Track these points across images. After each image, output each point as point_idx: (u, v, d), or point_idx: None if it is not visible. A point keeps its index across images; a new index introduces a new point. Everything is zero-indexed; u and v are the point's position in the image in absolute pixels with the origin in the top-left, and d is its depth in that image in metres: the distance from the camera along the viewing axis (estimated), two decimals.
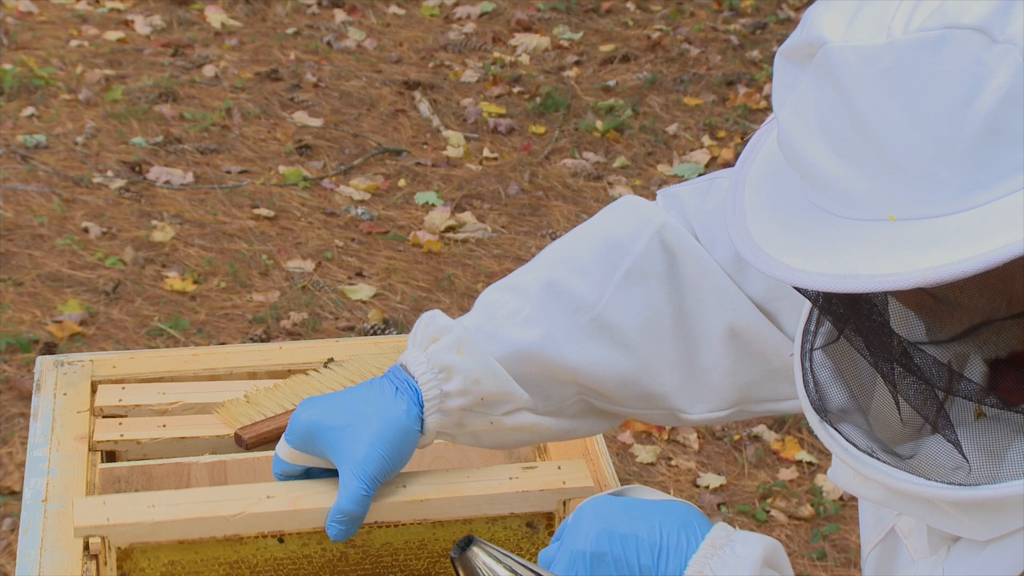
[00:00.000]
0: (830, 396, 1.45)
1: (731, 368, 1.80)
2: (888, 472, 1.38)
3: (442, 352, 1.79)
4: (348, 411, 1.77)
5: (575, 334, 1.79)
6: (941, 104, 1.21)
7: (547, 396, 1.83)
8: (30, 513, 1.94)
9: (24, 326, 4.44)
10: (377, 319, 4.57)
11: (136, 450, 2.08)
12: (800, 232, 1.31)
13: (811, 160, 1.28)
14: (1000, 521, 1.36)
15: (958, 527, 1.39)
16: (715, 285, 1.79)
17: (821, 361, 1.47)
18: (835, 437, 1.42)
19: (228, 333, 4.47)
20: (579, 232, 1.87)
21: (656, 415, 1.85)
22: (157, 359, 2.25)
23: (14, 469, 3.85)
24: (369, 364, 2.21)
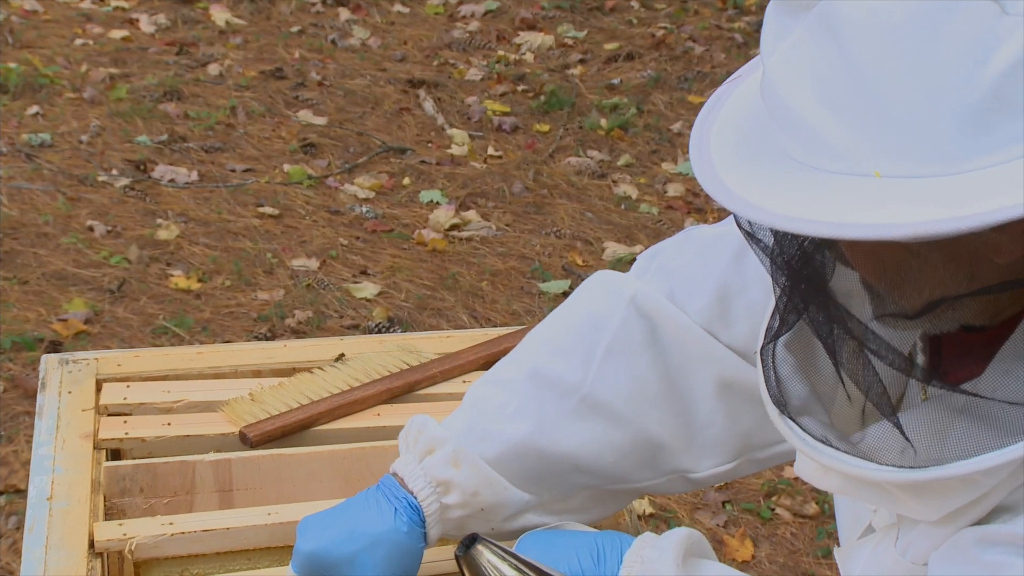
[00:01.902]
0: (790, 389, 1.48)
1: (728, 420, 1.82)
2: (840, 459, 1.42)
3: (439, 466, 1.78)
4: (351, 538, 1.76)
5: (566, 418, 1.79)
6: (948, 68, 1.22)
7: (551, 488, 1.82)
8: (35, 511, 1.94)
9: (29, 324, 4.44)
10: (382, 317, 4.57)
11: (141, 448, 2.08)
12: (774, 180, 1.31)
13: (797, 110, 1.28)
14: (945, 502, 1.40)
15: (907, 509, 1.43)
16: (696, 343, 1.80)
17: (782, 356, 1.50)
18: (792, 428, 1.46)
19: (233, 331, 4.48)
20: (556, 316, 1.87)
21: (664, 483, 1.85)
22: (162, 357, 2.25)
23: (19, 467, 3.85)
24: (374, 362, 2.21)
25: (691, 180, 5.44)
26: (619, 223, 5.21)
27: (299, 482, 2.04)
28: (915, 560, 1.49)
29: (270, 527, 1.94)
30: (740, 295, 1.76)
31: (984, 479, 1.37)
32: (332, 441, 2.09)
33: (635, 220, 5.23)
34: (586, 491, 1.84)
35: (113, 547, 1.90)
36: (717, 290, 1.78)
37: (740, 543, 3.75)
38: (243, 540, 1.94)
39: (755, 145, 1.35)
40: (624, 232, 5.15)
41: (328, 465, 2.05)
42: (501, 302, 4.71)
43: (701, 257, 1.80)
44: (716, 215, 5.23)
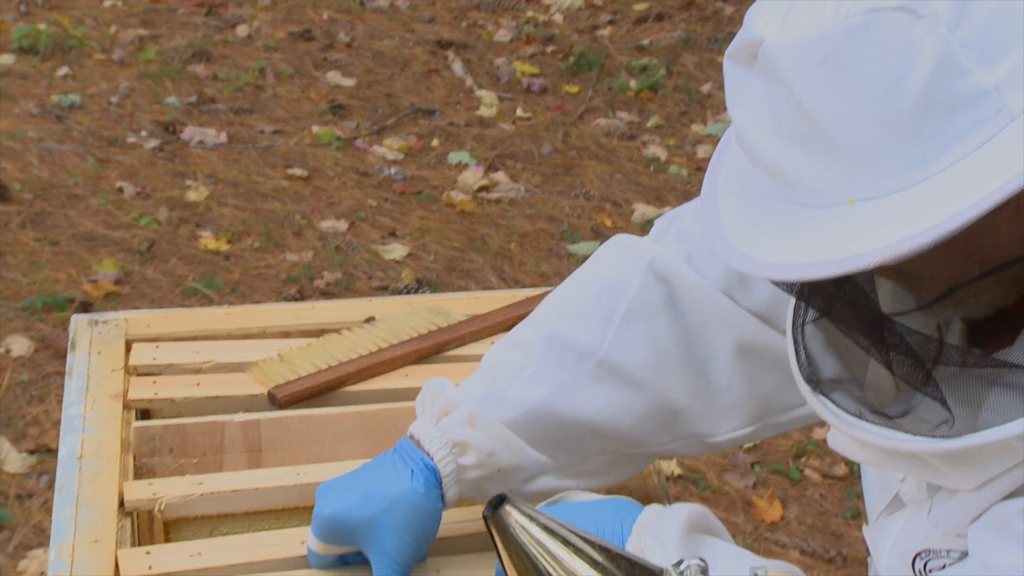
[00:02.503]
0: (822, 366, 1.50)
1: (747, 384, 1.82)
2: (877, 432, 1.43)
3: (455, 427, 1.78)
4: (369, 501, 1.77)
5: (583, 382, 1.79)
6: (876, 85, 1.25)
7: (567, 451, 1.82)
8: (65, 470, 1.95)
9: (60, 285, 4.46)
10: (410, 279, 4.57)
11: (170, 408, 2.09)
12: (770, 225, 1.35)
13: (768, 155, 1.32)
14: (982, 469, 1.41)
15: (945, 479, 1.44)
16: (714, 307, 1.80)
17: (812, 334, 1.51)
18: (826, 405, 1.47)
19: (262, 292, 4.49)
20: (574, 280, 1.87)
21: (682, 446, 1.85)
22: (191, 318, 2.25)
23: (50, 427, 3.88)
24: (402, 323, 2.21)
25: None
26: (648, 185, 5.20)
27: (327, 442, 2.05)
28: (948, 531, 1.50)
29: (299, 487, 1.94)
30: None
31: (1021, 444, 1.38)
32: (360, 402, 2.09)
33: (664, 182, 5.22)
34: (603, 455, 1.84)
35: (143, 506, 1.91)
36: None
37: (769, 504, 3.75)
38: (272, 500, 1.94)
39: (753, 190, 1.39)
40: (653, 194, 5.14)
41: (356, 426, 2.05)
42: (530, 264, 4.71)
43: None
44: None
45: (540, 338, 1.81)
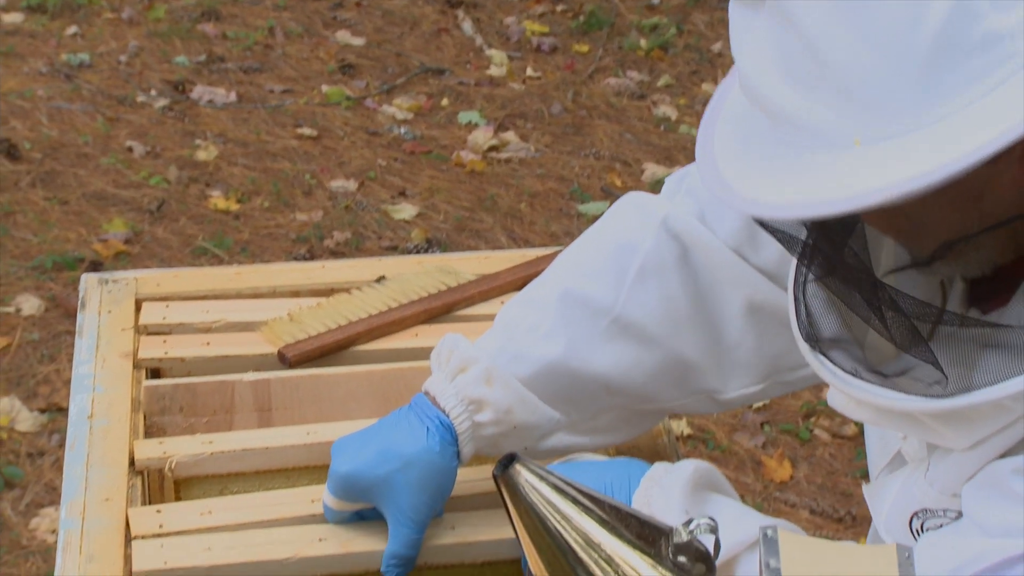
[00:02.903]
0: (822, 325, 1.51)
1: (757, 342, 1.82)
2: (872, 391, 1.44)
3: (471, 384, 1.78)
4: (384, 459, 1.77)
5: (597, 339, 1.79)
6: (891, 24, 1.25)
7: (580, 408, 1.82)
8: (76, 429, 1.95)
9: (70, 244, 4.46)
10: (420, 239, 4.57)
11: (180, 367, 2.09)
12: (770, 169, 1.34)
13: (773, 98, 1.32)
14: (975, 429, 1.42)
15: (939, 438, 1.46)
16: (726, 265, 1.80)
17: (813, 292, 1.52)
18: (823, 363, 1.48)
19: (272, 252, 4.49)
20: (587, 238, 1.87)
21: (692, 403, 1.85)
22: (201, 277, 2.25)
23: (61, 386, 3.89)
24: (412, 283, 2.21)
25: None
26: (658, 144, 5.18)
27: (337, 402, 2.05)
28: (944, 491, 1.51)
29: (309, 446, 1.95)
30: None
31: (1014, 404, 1.39)
32: (370, 361, 2.09)
33: (675, 141, 5.20)
34: (614, 411, 1.84)
35: (153, 465, 1.92)
36: None
37: (778, 464, 3.76)
38: (282, 459, 1.95)
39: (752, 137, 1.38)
40: (663, 153, 5.12)
41: (366, 385, 2.05)
42: (539, 223, 4.70)
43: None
44: None
45: (555, 296, 1.81)
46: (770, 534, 1.28)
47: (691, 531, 1.24)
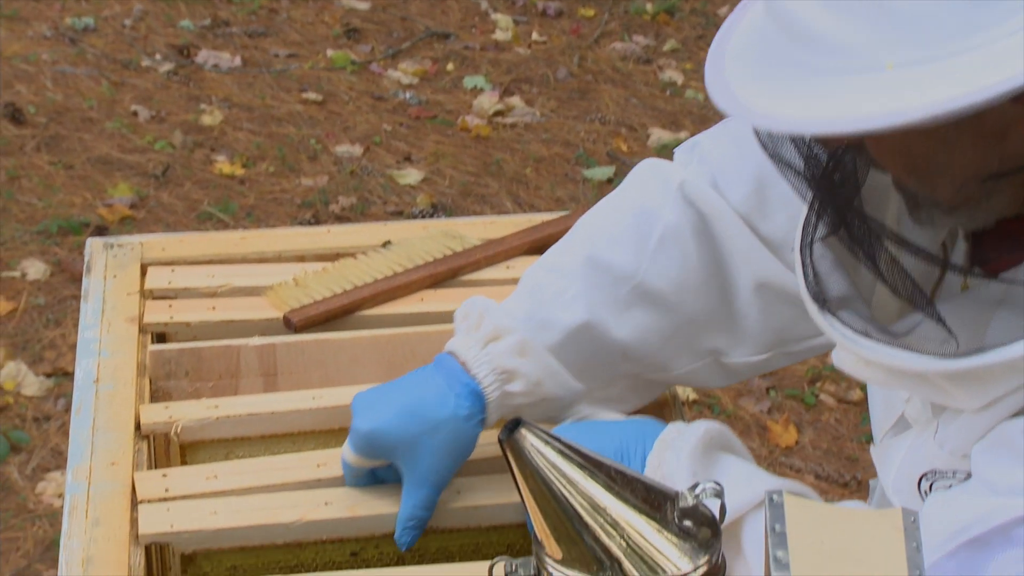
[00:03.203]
0: (829, 285, 1.50)
1: (762, 315, 1.82)
2: (883, 351, 1.44)
3: (504, 355, 1.78)
4: (411, 421, 1.76)
5: (619, 305, 1.80)
6: None
7: (597, 376, 1.83)
8: (82, 394, 1.96)
9: (75, 209, 4.46)
10: (425, 204, 4.57)
11: (186, 332, 2.09)
12: (789, 91, 1.32)
13: (802, 17, 1.30)
14: (987, 390, 1.41)
15: (950, 399, 1.45)
16: (739, 238, 1.80)
17: (820, 253, 1.51)
18: (832, 323, 1.47)
19: (277, 217, 4.48)
20: (608, 204, 1.87)
21: (702, 368, 1.86)
22: (206, 242, 2.25)
23: (67, 350, 3.89)
24: (418, 248, 2.21)
25: None
26: (664, 109, 5.17)
27: (343, 366, 2.05)
28: (954, 452, 1.51)
29: (314, 411, 1.95)
30: (777, 183, 1.76)
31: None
32: (376, 326, 2.09)
33: (680, 106, 5.19)
34: (627, 380, 1.85)
35: (159, 429, 1.92)
36: (755, 179, 1.79)
37: (784, 429, 3.76)
38: (288, 424, 1.95)
39: (769, 61, 1.36)
40: (669, 118, 5.11)
41: (372, 350, 2.05)
42: (545, 188, 4.70)
43: (738, 146, 1.80)
44: None
45: (579, 262, 1.81)
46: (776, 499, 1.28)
47: (696, 495, 1.24)
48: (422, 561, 1.83)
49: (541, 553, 1.26)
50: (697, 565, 1.24)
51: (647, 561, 1.22)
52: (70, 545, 1.73)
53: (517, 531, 1.84)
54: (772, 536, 1.25)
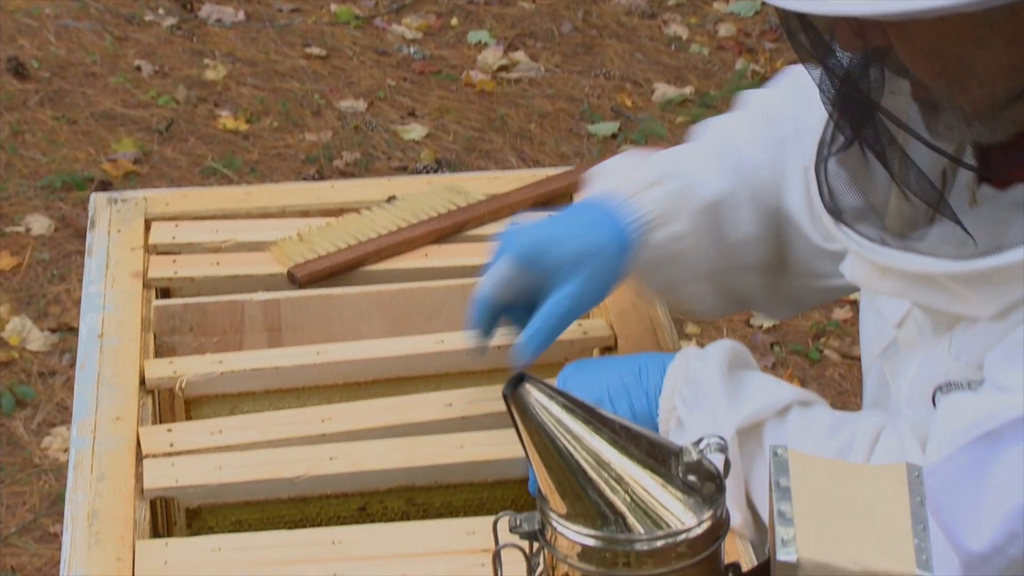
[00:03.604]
0: (843, 198, 1.53)
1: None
2: (901, 257, 1.47)
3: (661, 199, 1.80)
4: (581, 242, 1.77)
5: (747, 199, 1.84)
6: None
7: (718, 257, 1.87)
8: (86, 348, 1.96)
9: (79, 164, 4.45)
10: (430, 159, 4.56)
11: (190, 287, 2.09)
12: None
13: None
14: (1002, 294, 1.45)
15: (966, 306, 1.48)
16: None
17: (835, 169, 1.54)
18: (848, 234, 1.51)
19: (281, 173, 4.48)
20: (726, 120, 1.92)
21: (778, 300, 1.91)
22: (210, 197, 2.25)
23: (72, 306, 3.89)
24: (422, 203, 2.20)
25: (743, 20, 5.36)
26: (669, 64, 5.15)
27: (347, 322, 2.05)
28: (969, 363, 1.53)
29: (319, 366, 1.95)
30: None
31: None
32: (380, 281, 2.09)
33: (685, 61, 5.17)
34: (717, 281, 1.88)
35: (164, 384, 1.92)
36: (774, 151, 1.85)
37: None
38: (292, 379, 1.95)
39: None
40: (674, 73, 5.09)
41: (376, 305, 2.05)
42: (549, 144, 4.69)
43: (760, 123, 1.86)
44: (767, 55, 5.16)
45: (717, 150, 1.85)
46: (780, 453, 1.28)
47: (701, 450, 1.24)
48: (426, 516, 1.84)
49: (545, 508, 1.26)
50: (701, 520, 1.24)
51: (651, 516, 1.23)
52: (75, 499, 1.73)
53: (521, 486, 1.84)
54: (776, 490, 1.25)
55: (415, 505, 1.83)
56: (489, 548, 1.32)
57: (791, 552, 1.21)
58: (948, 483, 1.45)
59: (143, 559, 1.66)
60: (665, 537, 1.23)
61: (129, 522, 1.70)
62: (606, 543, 1.23)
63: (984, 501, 1.44)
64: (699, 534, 1.24)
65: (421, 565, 1.65)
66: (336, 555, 1.67)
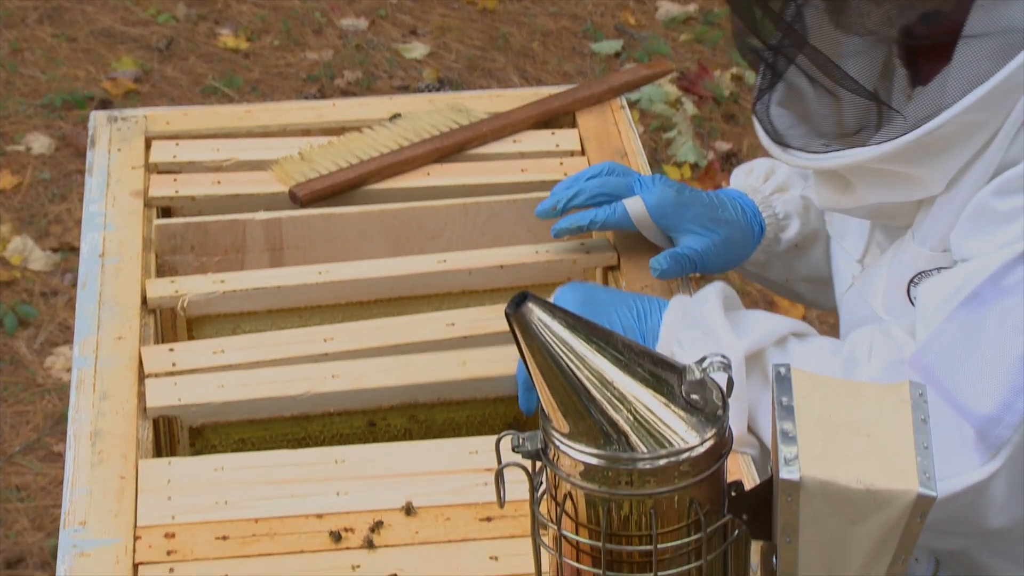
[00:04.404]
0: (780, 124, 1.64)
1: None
2: (851, 154, 1.57)
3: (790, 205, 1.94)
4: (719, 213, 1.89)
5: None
6: None
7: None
8: (88, 268, 1.96)
9: (79, 83, 4.43)
10: (432, 78, 4.53)
11: (191, 206, 2.09)
12: None
13: None
14: (950, 159, 1.55)
15: (919, 187, 1.58)
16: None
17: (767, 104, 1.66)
18: (796, 155, 1.62)
19: (282, 92, 4.45)
20: None
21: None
22: (211, 115, 2.24)
23: (73, 225, 3.89)
24: (424, 122, 2.19)
25: None
26: None
27: (349, 241, 2.04)
28: (935, 247, 1.61)
29: (321, 285, 1.95)
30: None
31: (978, 117, 1.51)
32: (382, 200, 2.08)
33: None
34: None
35: (165, 304, 1.92)
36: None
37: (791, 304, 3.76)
38: (294, 298, 1.95)
39: None
40: None
41: (378, 224, 2.05)
42: (552, 63, 4.66)
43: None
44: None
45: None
46: (783, 372, 1.28)
47: (704, 369, 1.24)
48: (428, 434, 1.84)
49: (548, 427, 1.26)
50: (704, 439, 1.24)
51: (654, 435, 1.23)
52: (78, 419, 1.74)
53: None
54: (779, 409, 1.25)
55: (417, 422, 1.84)
56: (492, 467, 1.32)
57: (794, 470, 1.21)
58: (942, 356, 1.51)
59: (146, 478, 1.66)
60: (668, 456, 1.23)
61: (132, 441, 1.71)
62: (609, 462, 1.23)
63: (981, 363, 1.49)
64: (702, 453, 1.24)
65: (424, 484, 1.65)
66: (339, 474, 1.67)
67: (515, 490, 1.35)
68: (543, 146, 2.18)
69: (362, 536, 1.60)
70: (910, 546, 1.22)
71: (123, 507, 1.62)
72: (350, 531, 1.60)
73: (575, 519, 1.27)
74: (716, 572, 1.30)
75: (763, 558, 1.32)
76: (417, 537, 1.60)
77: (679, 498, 1.25)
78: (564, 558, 1.29)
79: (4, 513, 3.23)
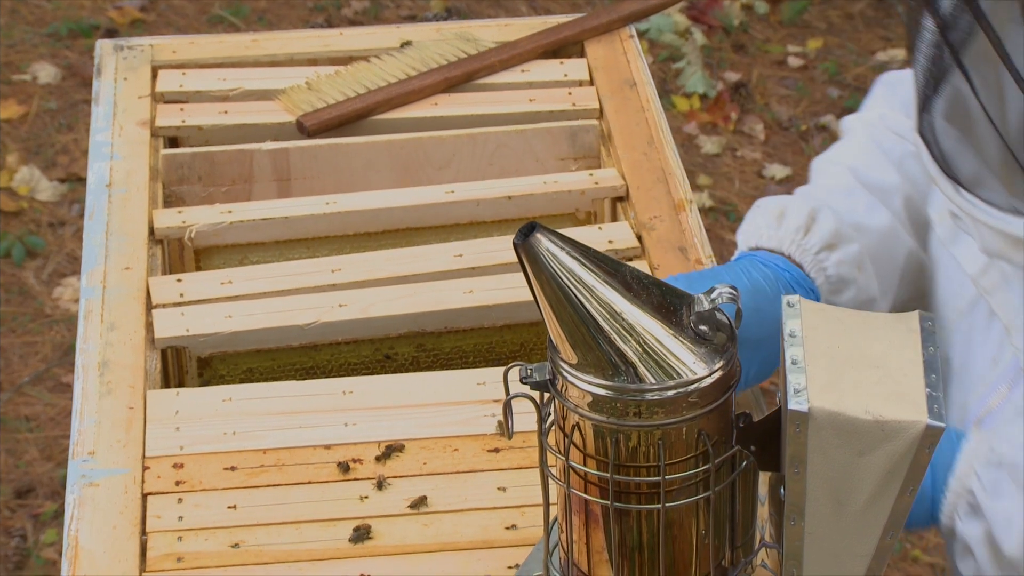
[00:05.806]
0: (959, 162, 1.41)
1: None
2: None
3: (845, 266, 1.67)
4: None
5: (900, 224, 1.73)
6: None
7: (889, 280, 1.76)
8: (95, 198, 1.95)
9: (85, 11, 4.41)
10: (439, 8, 4.50)
11: (198, 136, 2.08)
12: None
13: None
14: None
15: None
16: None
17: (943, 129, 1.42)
18: (975, 203, 1.39)
19: (289, 21, 4.43)
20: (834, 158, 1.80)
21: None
22: (217, 44, 2.23)
23: (80, 155, 3.88)
24: (431, 51, 2.18)
25: None
26: None
27: (357, 171, 2.04)
28: None
29: (328, 216, 1.94)
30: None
31: None
32: (390, 130, 2.07)
33: None
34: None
35: (173, 234, 1.91)
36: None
37: None
38: (302, 229, 1.95)
39: None
40: None
41: (386, 154, 2.04)
42: None
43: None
44: None
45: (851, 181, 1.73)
46: (791, 302, 1.28)
47: (712, 300, 1.24)
48: (436, 362, 1.84)
49: (556, 358, 1.26)
50: (712, 370, 1.24)
51: (662, 365, 1.22)
52: (86, 349, 1.74)
53: (530, 330, 1.85)
54: (788, 339, 1.25)
55: (425, 351, 1.84)
56: (500, 398, 1.32)
57: (802, 401, 1.20)
58: None
59: (154, 408, 1.67)
60: (676, 387, 1.23)
61: (140, 372, 1.71)
62: (617, 393, 1.23)
63: None
64: (710, 384, 1.24)
65: (432, 415, 1.66)
66: (347, 405, 1.67)
67: (523, 421, 1.35)
68: (551, 76, 2.17)
69: (370, 467, 1.60)
70: (918, 477, 1.22)
71: (131, 437, 1.63)
72: (358, 462, 1.60)
73: (583, 450, 1.27)
74: (724, 503, 1.30)
75: (771, 489, 1.32)
76: (425, 468, 1.60)
77: (687, 429, 1.25)
78: (572, 489, 1.29)
79: (14, 443, 3.25)
